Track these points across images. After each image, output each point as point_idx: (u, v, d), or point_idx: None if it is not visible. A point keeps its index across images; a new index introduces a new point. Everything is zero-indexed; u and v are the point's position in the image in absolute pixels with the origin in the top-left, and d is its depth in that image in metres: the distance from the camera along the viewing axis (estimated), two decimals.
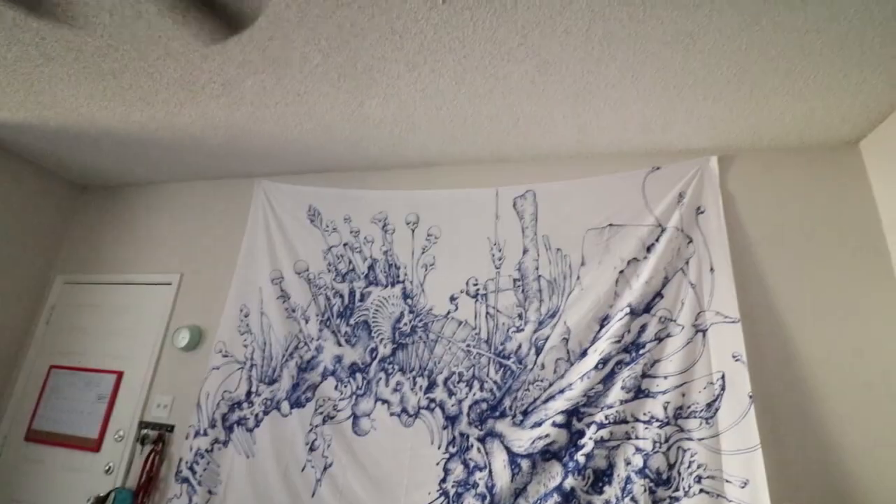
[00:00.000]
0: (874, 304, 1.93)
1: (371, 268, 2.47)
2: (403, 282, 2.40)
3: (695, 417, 1.88)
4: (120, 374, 2.69)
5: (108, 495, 2.36)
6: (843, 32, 1.58)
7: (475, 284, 2.30)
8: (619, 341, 2.02)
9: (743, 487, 1.75)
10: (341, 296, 2.45)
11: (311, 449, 2.20)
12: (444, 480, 2.02)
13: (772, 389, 1.89)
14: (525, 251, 2.30)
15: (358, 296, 2.43)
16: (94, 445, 2.57)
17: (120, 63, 1.96)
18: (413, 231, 2.48)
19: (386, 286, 2.42)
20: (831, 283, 1.99)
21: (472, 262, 2.34)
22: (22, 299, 2.99)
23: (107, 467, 2.49)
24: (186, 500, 2.24)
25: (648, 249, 2.15)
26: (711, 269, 2.07)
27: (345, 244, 2.55)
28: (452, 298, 2.30)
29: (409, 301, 2.36)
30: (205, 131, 2.45)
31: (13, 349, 2.94)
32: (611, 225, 2.24)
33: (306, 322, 2.43)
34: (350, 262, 2.51)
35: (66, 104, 2.28)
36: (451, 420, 2.10)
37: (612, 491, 1.86)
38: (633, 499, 1.82)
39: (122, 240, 3.08)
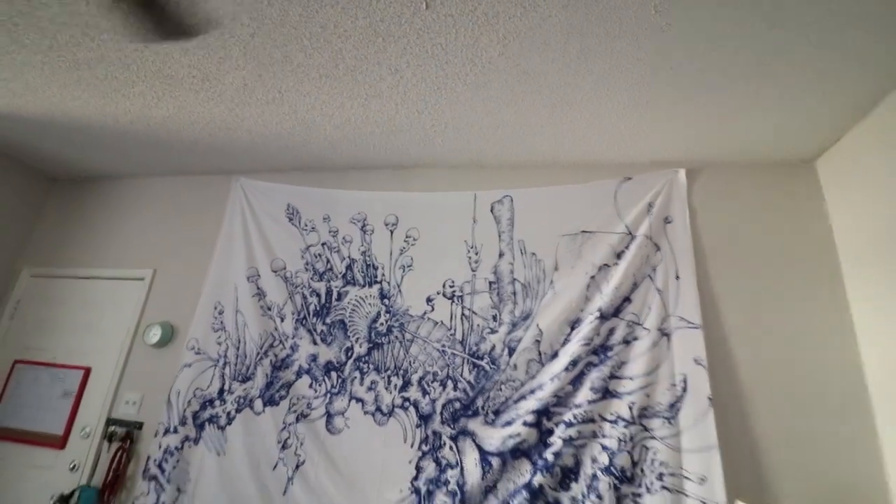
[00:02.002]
0: (820, 316, 2.06)
1: (349, 267, 2.49)
2: (381, 282, 2.42)
3: (658, 417, 1.97)
4: (87, 370, 2.63)
5: (72, 493, 2.30)
6: (803, 57, 1.69)
7: (451, 286, 2.34)
8: (588, 344, 2.09)
9: (701, 484, 1.84)
10: (318, 295, 2.46)
11: (284, 447, 2.20)
12: (416, 478, 2.05)
13: (728, 392, 2.00)
14: (501, 255, 2.36)
15: (335, 295, 2.44)
16: (59, 442, 2.50)
17: (96, 53, 1.93)
18: (392, 232, 2.51)
19: (363, 286, 2.44)
20: (783, 294, 2.11)
21: (449, 264, 2.38)
22: None
23: (72, 465, 2.43)
24: (154, 499, 2.21)
25: (619, 256, 2.24)
26: (677, 277, 2.17)
27: (323, 244, 2.56)
28: (429, 299, 2.34)
29: (386, 301, 2.38)
30: (182, 126, 2.42)
31: None
32: (583, 232, 2.32)
33: (282, 320, 2.43)
34: (328, 261, 2.52)
35: (37, 93, 2.23)
36: (425, 419, 2.14)
37: (578, 488, 1.93)
38: (598, 495, 1.89)
39: (93, 233, 3.01)
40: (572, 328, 2.16)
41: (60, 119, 2.45)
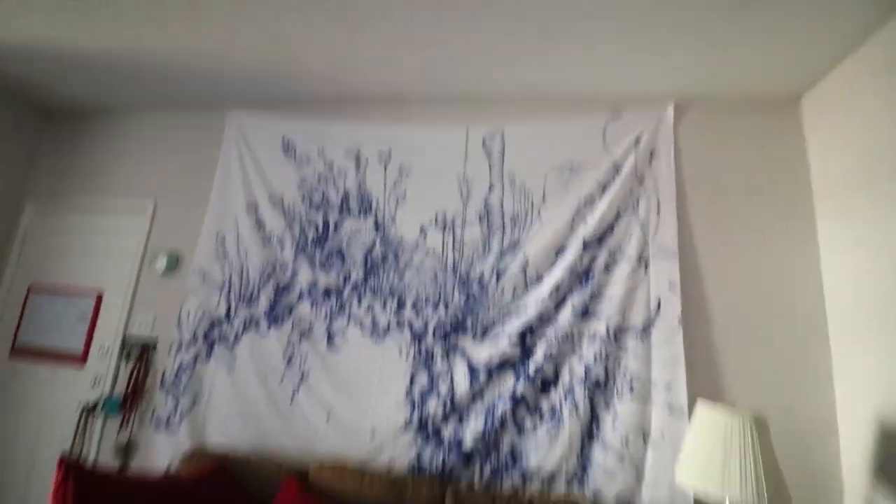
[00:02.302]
0: (790, 248, 2.19)
1: (345, 199, 2.58)
2: (375, 213, 2.53)
3: (632, 335, 2.15)
4: (100, 295, 2.78)
5: (97, 403, 2.53)
6: None
7: (444, 217, 2.45)
8: (572, 270, 2.24)
9: (667, 390, 2.06)
10: (316, 225, 2.57)
11: (289, 362, 2.40)
12: (410, 388, 2.27)
13: (697, 313, 2.17)
14: (491, 187, 2.45)
15: (332, 225, 2.55)
16: (80, 360, 2.71)
17: None
18: (385, 165, 2.58)
19: (359, 217, 2.54)
20: (757, 226, 2.23)
21: (441, 196, 2.47)
22: None
23: (94, 379, 2.65)
24: (172, 408, 2.44)
25: (604, 189, 2.33)
26: (658, 208, 2.28)
27: (319, 176, 2.63)
28: (422, 229, 2.45)
29: (380, 231, 2.50)
30: (172, 56, 2.42)
31: None
32: (572, 165, 2.39)
33: (282, 249, 2.56)
34: (324, 193, 2.61)
35: (22, 21, 2.20)
36: (418, 337, 2.32)
37: (556, 395, 2.15)
38: (574, 401, 2.11)
39: (93, 167, 3.06)
40: (557, 255, 2.30)
41: (49, 50, 2.43)
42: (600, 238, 2.28)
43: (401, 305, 2.38)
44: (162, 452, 2.38)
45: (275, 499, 1.87)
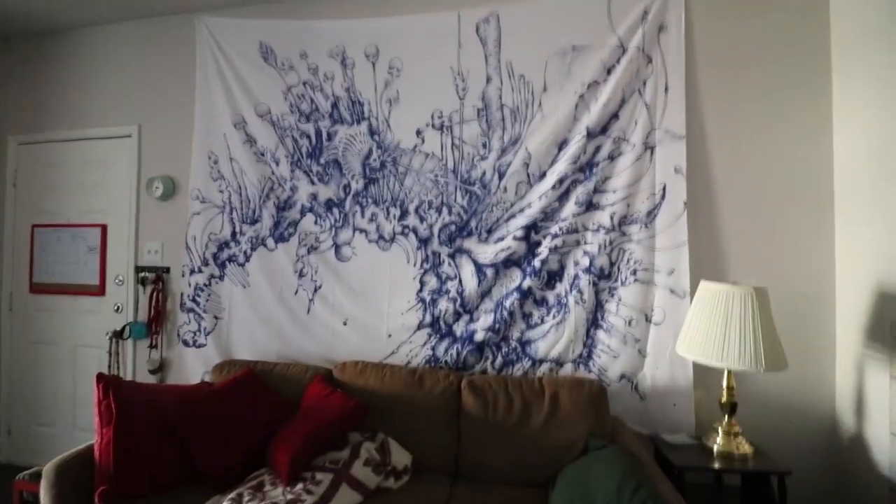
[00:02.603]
0: (803, 130, 2.09)
1: (334, 106, 2.45)
2: (369, 118, 2.41)
3: (636, 223, 2.15)
4: (104, 227, 2.79)
5: (123, 328, 2.65)
6: None
7: (440, 117, 2.34)
8: (575, 162, 2.18)
9: (669, 275, 2.11)
10: (308, 136, 2.47)
11: (301, 275, 2.46)
12: (420, 291, 2.34)
13: (702, 195, 2.14)
14: (489, 80, 2.30)
15: (325, 135, 2.45)
16: (98, 290, 2.79)
17: None
18: (374, 64, 2.41)
19: (352, 124, 2.43)
20: (769, 97, 2.11)
21: (435, 94, 2.34)
22: None
23: (115, 307, 2.75)
24: (196, 326, 2.55)
25: (609, 72, 2.19)
26: (666, 89, 2.15)
27: (304, 83, 2.48)
28: (418, 132, 2.36)
29: (376, 137, 2.40)
30: None
31: None
32: (574, 48, 2.22)
33: (277, 164, 2.49)
34: (312, 101, 2.47)
35: None
36: (424, 242, 2.34)
37: (562, 286, 2.21)
38: (579, 290, 2.18)
39: (66, 93, 2.90)
40: (560, 149, 2.22)
41: None
42: (604, 126, 2.18)
43: (404, 212, 2.36)
44: (193, 367, 2.53)
45: (304, 393, 2.03)
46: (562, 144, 2.22)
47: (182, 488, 1.72)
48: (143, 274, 2.68)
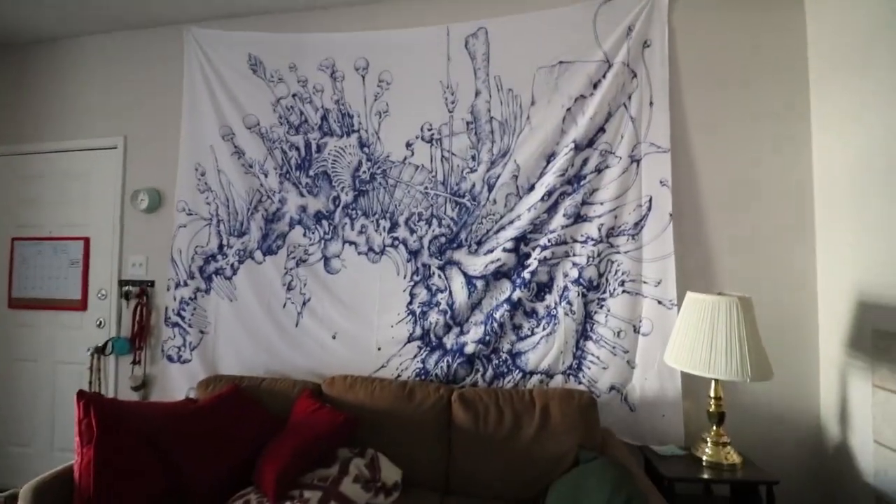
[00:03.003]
0: (783, 143, 2.14)
1: (324, 118, 2.45)
2: (359, 131, 2.42)
3: (623, 235, 2.18)
4: (87, 240, 2.74)
5: (105, 344, 2.59)
6: None
7: (430, 129, 2.35)
8: (563, 174, 2.20)
9: (657, 286, 2.13)
10: (297, 148, 2.46)
11: (289, 289, 2.43)
12: (410, 303, 2.33)
13: (688, 207, 2.18)
14: (477, 93, 2.33)
15: (314, 147, 2.45)
16: (80, 305, 2.72)
17: None
18: (363, 77, 2.42)
19: (341, 136, 2.43)
20: (751, 112, 2.17)
21: (425, 106, 2.35)
22: None
23: (98, 322, 2.69)
24: (181, 341, 2.50)
25: (595, 86, 2.23)
26: (651, 103, 2.20)
27: (293, 95, 2.48)
28: (408, 144, 2.37)
29: (365, 149, 2.41)
30: None
31: None
32: (561, 62, 2.26)
33: (265, 176, 2.47)
34: (301, 113, 2.47)
35: None
36: (414, 254, 2.34)
37: (551, 298, 2.22)
38: (568, 302, 2.19)
39: (51, 104, 2.86)
40: (548, 161, 2.25)
41: None
42: (591, 139, 2.22)
43: (394, 224, 2.36)
44: (178, 383, 2.48)
45: (293, 409, 1.99)
46: (550, 157, 2.25)
47: None
48: (126, 288, 2.63)
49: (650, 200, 2.17)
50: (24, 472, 1.85)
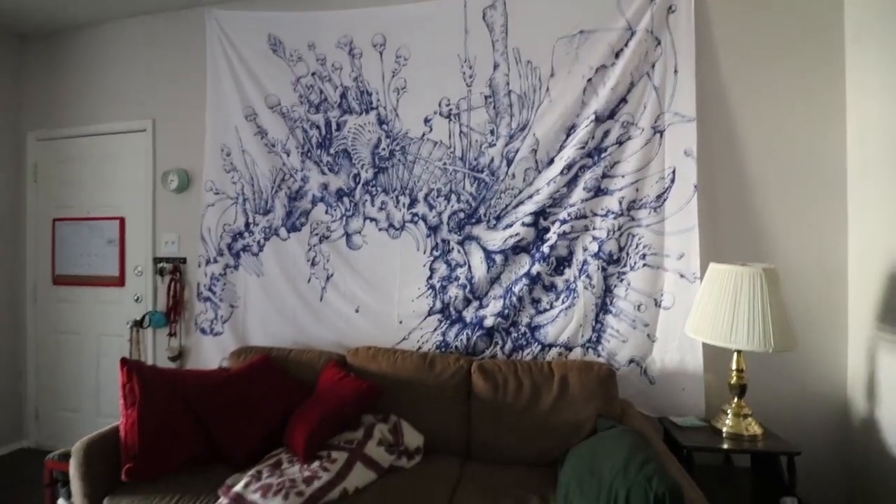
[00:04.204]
0: (816, 110, 2.06)
1: (343, 96, 2.47)
2: (377, 108, 2.43)
3: (645, 208, 2.15)
4: (122, 220, 2.87)
5: (143, 318, 2.73)
6: None
7: (448, 105, 2.35)
8: (583, 147, 2.18)
9: (679, 259, 2.11)
10: (318, 127, 2.50)
11: (313, 264, 2.50)
12: (430, 278, 2.37)
13: (712, 179, 2.13)
14: (496, 66, 2.30)
15: (334, 126, 2.48)
16: (118, 281, 2.87)
17: None
18: (381, 54, 2.42)
19: (360, 114, 2.46)
20: (782, 79, 2.09)
21: (443, 81, 2.35)
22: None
23: (135, 297, 2.84)
24: (213, 314, 2.62)
25: (617, 55, 2.17)
26: (675, 71, 2.13)
27: (313, 73, 2.50)
28: (426, 120, 2.37)
29: (384, 127, 2.43)
30: None
31: (9, 209, 3.05)
32: (581, 31, 2.21)
33: (287, 155, 2.52)
34: (321, 91, 2.50)
35: None
36: (433, 229, 2.37)
37: (571, 272, 2.22)
38: (588, 276, 2.19)
39: (81, 89, 2.97)
40: (568, 134, 2.22)
41: None
42: (613, 111, 2.18)
43: (413, 200, 2.39)
44: (211, 354, 2.61)
45: (319, 377, 2.08)
46: (570, 130, 2.22)
47: (204, 466, 1.79)
48: (161, 265, 2.76)
49: (673, 172, 2.12)
50: (74, 436, 1.99)
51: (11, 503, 2.43)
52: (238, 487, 1.59)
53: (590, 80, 2.20)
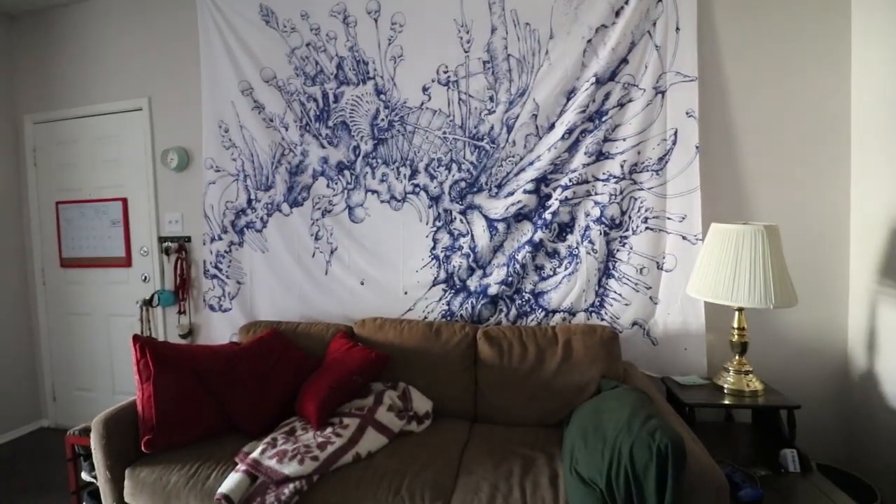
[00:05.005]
0: (820, 67, 2.02)
1: (339, 67, 2.43)
2: (374, 78, 2.40)
3: (647, 171, 2.14)
4: (125, 200, 2.88)
5: (152, 297, 2.77)
6: None
7: (445, 72, 2.31)
8: (584, 111, 2.15)
9: (681, 221, 2.11)
10: (315, 99, 2.47)
11: (317, 238, 2.52)
12: (433, 248, 2.38)
13: (715, 139, 2.11)
14: (493, 30, 2.25)
15: (331, 97, 2.45)
16: (125, 262, 2.90)
17: None
18: (376, 21, 2.37)
19: (357, 84, 2.42)
20: (785, 36, 2.04)
21: (440, 48, 2.30)
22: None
23: (143, 276, 2.87)
24: (220, 291, 2.65)
25: (617, 14, 2.12)
26: (677, 29, 2.08)
27: (307, 44, 2.46)
28: (425, 89, 2.34)
29: (382, 97, 2.39)
30: None
31: (11, 194, 3.06)
32: None
33: (286, 129, 2.50)
34: (317, 63, 2.46)
35: None
36: (435, 200, 2.37)
37: (573, 238, 2.23)
38: (590, 241, 2.20)
39: (75, 69, 2.93)
40: (568, 98, 2.19)
41: None
42: (614, 72, 2.14)
43: (414, 171, 2.38)
44: (221, 330, 2.65)
45: (328, 348, 2.12)
46: (570, 94, 2.19)
47: (220, 436, 1.85)
48: (166, 244, 2.78)
49: (675, 133, 2.10)
50: (91, 414, 2.05)
51: (35, 479, 2.53)
52: (255, 454, 1.65)
53: (589, 41, 2.15)
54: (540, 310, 2.29)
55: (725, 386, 1.87)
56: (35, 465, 2.68)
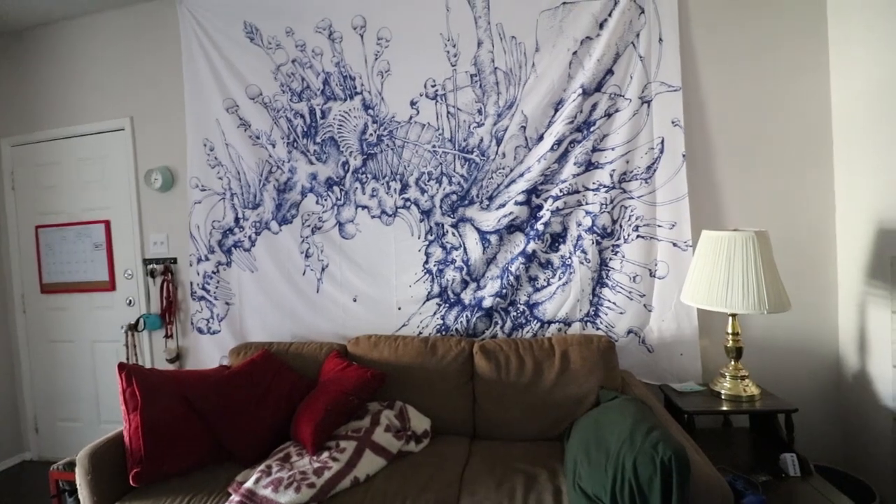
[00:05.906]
0: (800, 70, 2.07)
1: (326, 82, 2.42)
2: (361, 93, 2.39)
3: (636, 179, 2.16)
4: (107, 223, 2.80)
5: (137, 321, 2.70)
6: None
7: (433, 85, 2.31)
8: (572, 122, 2.17)
9: (671, 228, 2.13)
10: (302, 116, 2.45)
11: (307, 256, 2.48)
12: (426, 262, 2.36)
13: (700, 148, 2.14)
14: (480, 44, 2.26)
15: (319, 113, 2.43)
16: (109, 286, 2.82)
17: None
18: (362, 36, 2.36)
19: (345, 100, 2.41)
20: (766, 45, 2.08)
21: (427, 62, 2.30)
22: None
23: (128, 300, 2.79)
24: (209, 313, 2.59)
25: (601, 26, 2.15)
26: (660, 40, 2.12)
27: (293, 61, 2.44)
28: (413, 103, 2.33)
29: (370, 112, 2.38)
30: None
31: None
32: (564, 3, 2.18)
33: (273, 146, 2.47)
34: (303, 79, 2.44)
35: None
36: (426, 213, 2.35)
37: (566, 248, 2.23)
38: (583, 251, 2.20)
39: (55, 90, 2.87)
40: (556, 109, 2.21)
41: None
42: (600, 83, 2.16)
43: (405, 185, 2.36)
44: (210, 353, 2.59)
45: (322, 369, 2.08)
46: (558, 105, 2.20)
47: (212, 465, 1.79)
48: (151, 266, 2.71)
49: (662, 142, 2.13)
50: (76, 446, 1.97)
51: None
52: (249, 483, 1.59)
53: (575, 52, 2.17)
54: (535, 321, 2.28)
55: (722, 391, 1.87)
56: (18, 501, 2.57)
